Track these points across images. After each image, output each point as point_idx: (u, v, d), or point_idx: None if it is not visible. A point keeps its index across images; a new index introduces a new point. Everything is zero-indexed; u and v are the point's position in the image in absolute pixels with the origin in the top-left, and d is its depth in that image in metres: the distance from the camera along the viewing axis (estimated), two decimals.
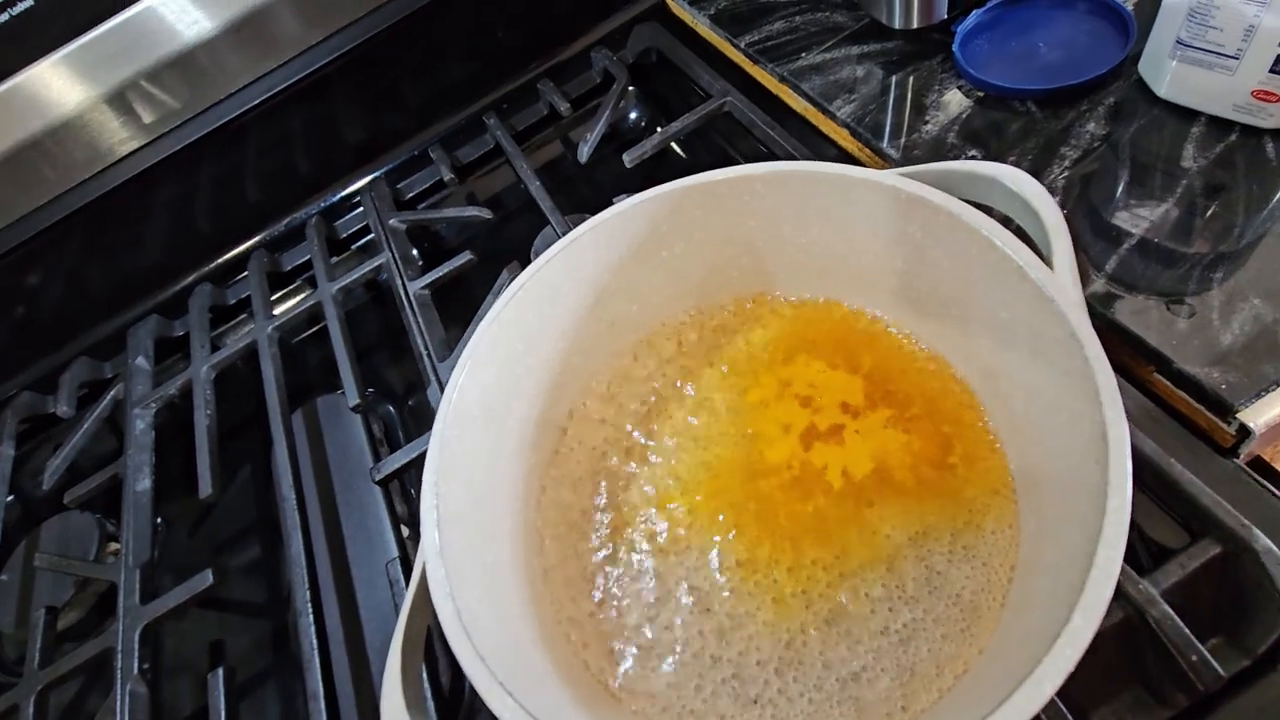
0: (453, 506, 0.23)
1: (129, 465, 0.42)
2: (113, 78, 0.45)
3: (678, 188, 0.29)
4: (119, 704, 0.32)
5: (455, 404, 0.25)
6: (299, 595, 0.33)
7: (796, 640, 0.24)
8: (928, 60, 0.42)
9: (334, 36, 0.49)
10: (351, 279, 0.45)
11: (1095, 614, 0.16)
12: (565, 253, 0.28)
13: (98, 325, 0.51)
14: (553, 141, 0.53)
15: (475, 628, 0.20)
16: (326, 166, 0.53)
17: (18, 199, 0.47)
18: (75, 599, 0.41)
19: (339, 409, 0.43)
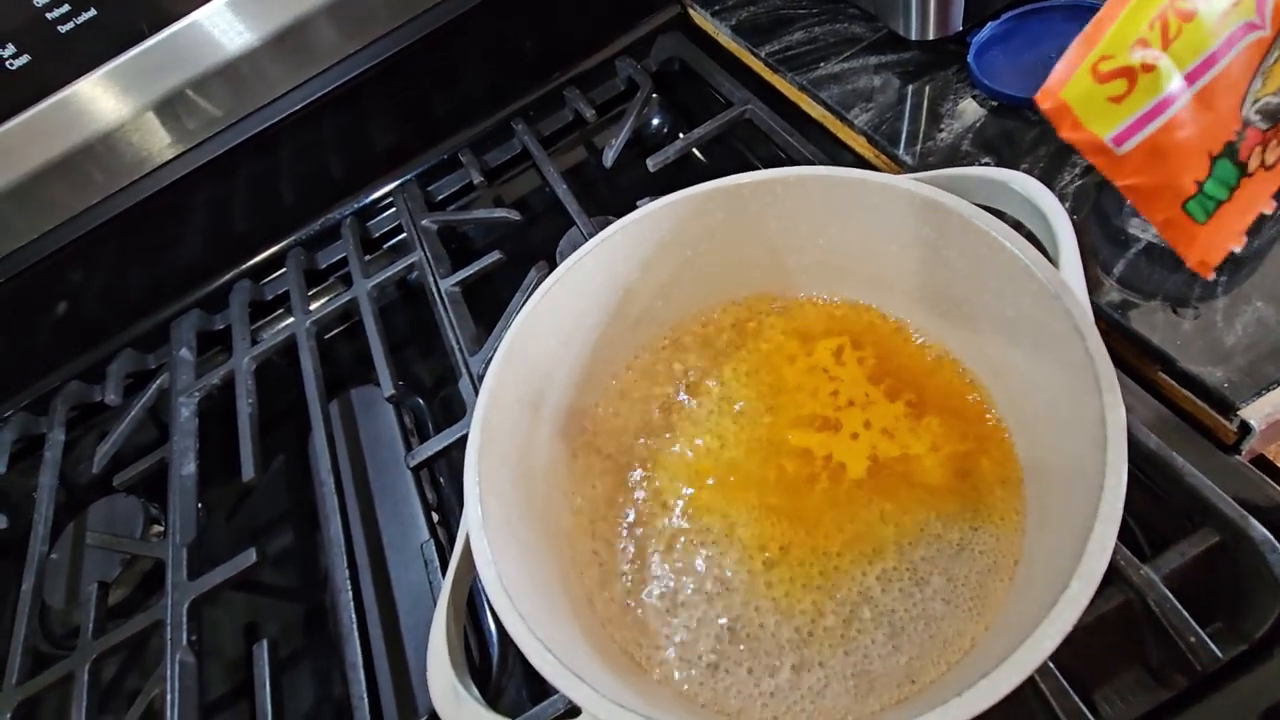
0: (493, 483, 0.25)
1: (174, 450, 0.44)
2: (160, 87, 0.47)
3: (703, 191, 0.30)
4: (169, 673, 0.34)
5: (494, 390, 0.27)
6: (338, 574, 0.35)
7: (810, 618, 0.26)
8: (943, 70, 0.43)
9: (369, 47, 0.51)
10: (385, 276, 0.47)
11: (1092, 581, 0.18)
12: (596, 251, 0.30)
13: (142, 319, 0.54)
14: (578, 146, 0.55)
15: (515, 592, 0.22)
16: (360, 169, 0.55)
17: (69, 200, 0.49)
18: (121, 577, 0.43)
19: (372, 400, 0.45)
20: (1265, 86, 0.16)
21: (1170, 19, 0.15)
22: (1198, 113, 0.16)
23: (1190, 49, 0.15)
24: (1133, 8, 0.15)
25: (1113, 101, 0.16)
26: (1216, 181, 0.16)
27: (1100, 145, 0.16)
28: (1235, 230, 0.17)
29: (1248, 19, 0.15)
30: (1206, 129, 0.16)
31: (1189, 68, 0.16)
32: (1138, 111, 0.16)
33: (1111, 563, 0.21)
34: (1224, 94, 0.16)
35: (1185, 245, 0.17)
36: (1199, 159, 0.16)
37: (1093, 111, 0.16)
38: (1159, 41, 0.15)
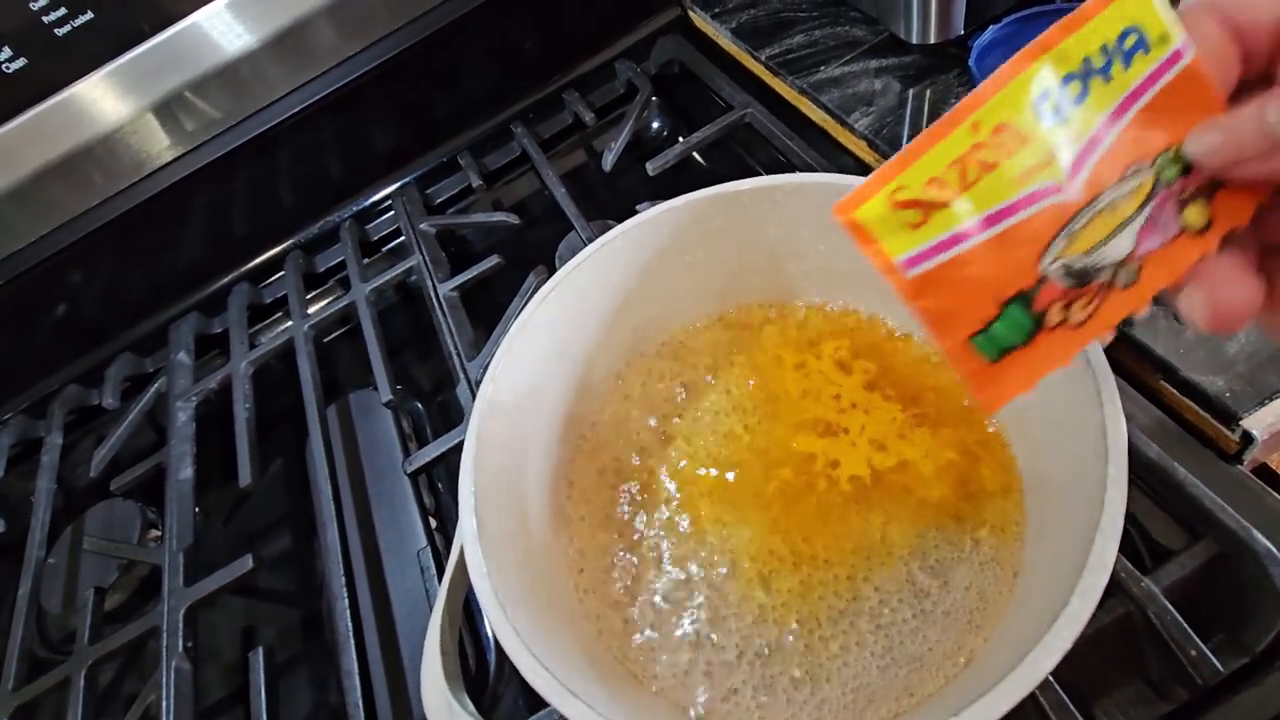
0: (488, 493, 0.25)
1: (172, 455, 0.44)
2: (160, 89, 0.47)
3: (701, 197, 0.30)
4: (165, 679, 0.34)
5: (490, 397, 0.27)
6: (334, 580, 0.35)
7: (808, 630, 0.26)
8: (944, 74, 0.43)
9: (369, 49, 0.51)
10: (383, 280, 0.47)
11: (1091, 598, 0.17)
12: (594, 257, 0.30)
13: (140, 322, 0.54)
14: (577, 150, 0.55)
15: (510, 606, 0.21)
16: (359, 172, 0.55)
17: (68, 202, 0.49)
18: (118, 583, 0.43)
19: (370, 404, 0.45)
20: (1071, 247, 0.16)
21: (970, 165, 0.16)
22: (989, 256, 0.16)
23: (989, 196, 0.16)
24: (936, 149, 0.16)
25: (909, 227, 0.16)
26: (1008, 325, 0.16)
27: (891, 265, 0.16)
28: (1029, 378, 0.17)
29: (1055, 181, 0.16)
30: (998, 273, 0.16)
31: (985, 212, 0.16)
32: (930, 241, 0.16)
33: (1112, 574, 0.21)
34: (1020, 245, 0.16)
35: (972, 379, 0.17)
36: (987, 300, 0.16)
37: (888, 232, 0.16)
38: (956, 183, 0.16)
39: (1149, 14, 0.15)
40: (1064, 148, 0.16)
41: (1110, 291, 0.17)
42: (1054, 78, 0.15)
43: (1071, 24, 0.15)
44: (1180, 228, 0.16)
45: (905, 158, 0.16)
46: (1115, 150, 0.16)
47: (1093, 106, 0.16)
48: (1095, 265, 0.16)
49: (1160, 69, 0.15)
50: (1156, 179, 0.16)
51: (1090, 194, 0.16)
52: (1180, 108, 0.15)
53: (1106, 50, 0.15)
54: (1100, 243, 0.16)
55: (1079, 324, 0.17)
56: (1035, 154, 0.16)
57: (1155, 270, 0.16)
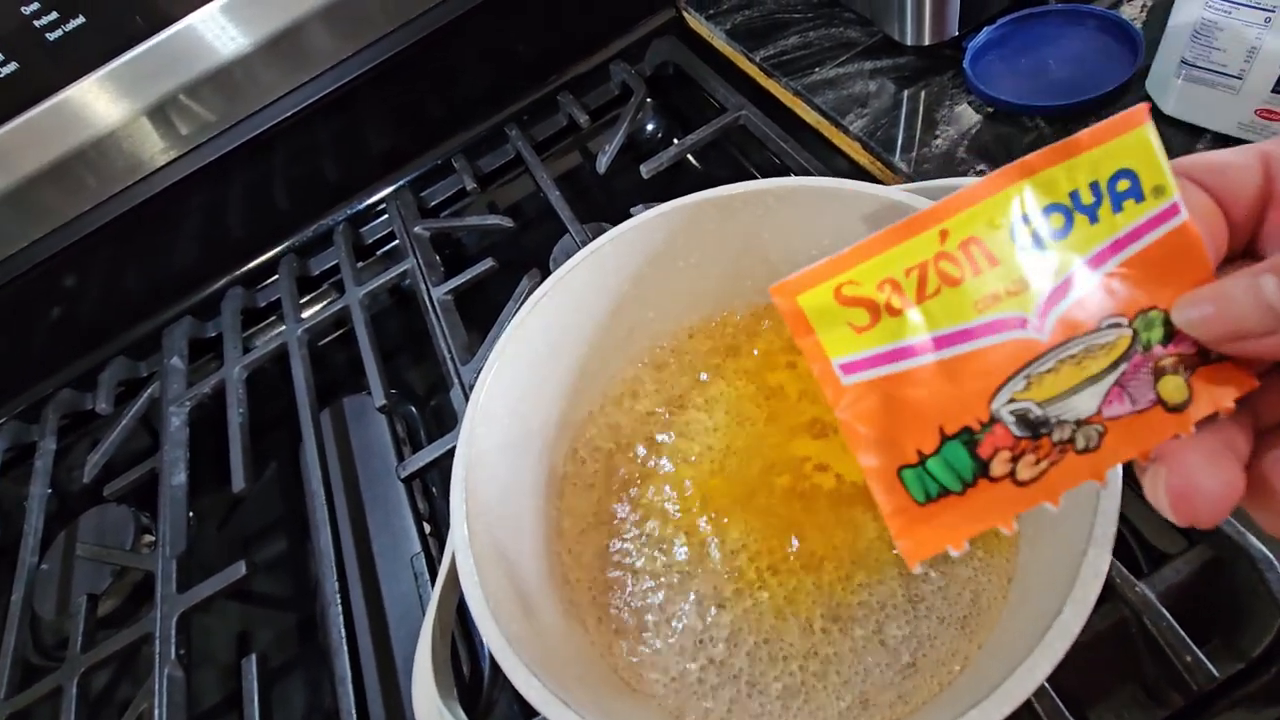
0: (480, 500, 0.25)
1: (165, 460, 0.44)
2: (153, 92, 0.47)
3: (694, 201, 0.30)
4: (157, 687, 0.34)
5: (483, 404, 0.27)
6: (327, 586, 0.35)
7: (803, 635, 0.25)
8: (939, 76, 0.43)
9: (362, 51, 0.50)
10: (377, 284, 0.47)
11: (1084, 608, 0.17)
12: (587, 262, 0.30)
13: (134, 326, 0.53)
14: (572, 152, 0.55)
15: (501, 615, 0.21)
16: (353, 175, 0.55)
17: (62, 206, 0.49)
18: (112, 588, 0.42)
19: (364, 409, 0.45)
20: (1030, 392, 0.14)
21: (931, 275, 0.14)
22: (938, 381, 0.14)
23: (946, 314, 0.14)
24: (897, 250, 0.14)
25: (853, 328, 0.14)
26: (945, 465, 0.14)
27: (828, 366, 0.14)
28: (959, 533, 0.14)
29: (1023, 313, 0.14)
30: (944, 402, 0.14)
31: (941, 331, 0.14)
32: (874, 349, 0.14)
33: (1107, 579, 0.21)
34: (974, 376, 0.14)
35: (896, 518, 0.15)
36: (928, 430, 0.14)
37: (828, 328, 0.14)
38: (913, 292, 0.14)
39: (1149, 161, 0.14)
40: (1038, 280, 0.14)
41: (1066, 453, 0.14)
42: (1037, 204, 0.14)
43: (1063, 151, 0.14)
44: (1154, 399, 0.14)
45: (861, 251, 0.14)
46: (1093, 297, 0.14)
47: (1073, 245, 0.14)
48: (1054, 418, 0.14)
49: (1151, 222, 0.14)
50: (1134, 339, 0.14)
51: (1060, 337, 0.14)
52: (1168, 268, 0.14)
53: (1097, 189, 0.14)
54: (1063, 394, 0.14)
55: (1024, 482, 0.14)
56: (1005, 279, 0.14)
57: (1120, 440, 0.14)
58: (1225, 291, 0.13)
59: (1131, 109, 0.14)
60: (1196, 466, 0.14)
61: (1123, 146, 0.14)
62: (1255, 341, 0.13)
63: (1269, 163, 0.14)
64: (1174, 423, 0.14)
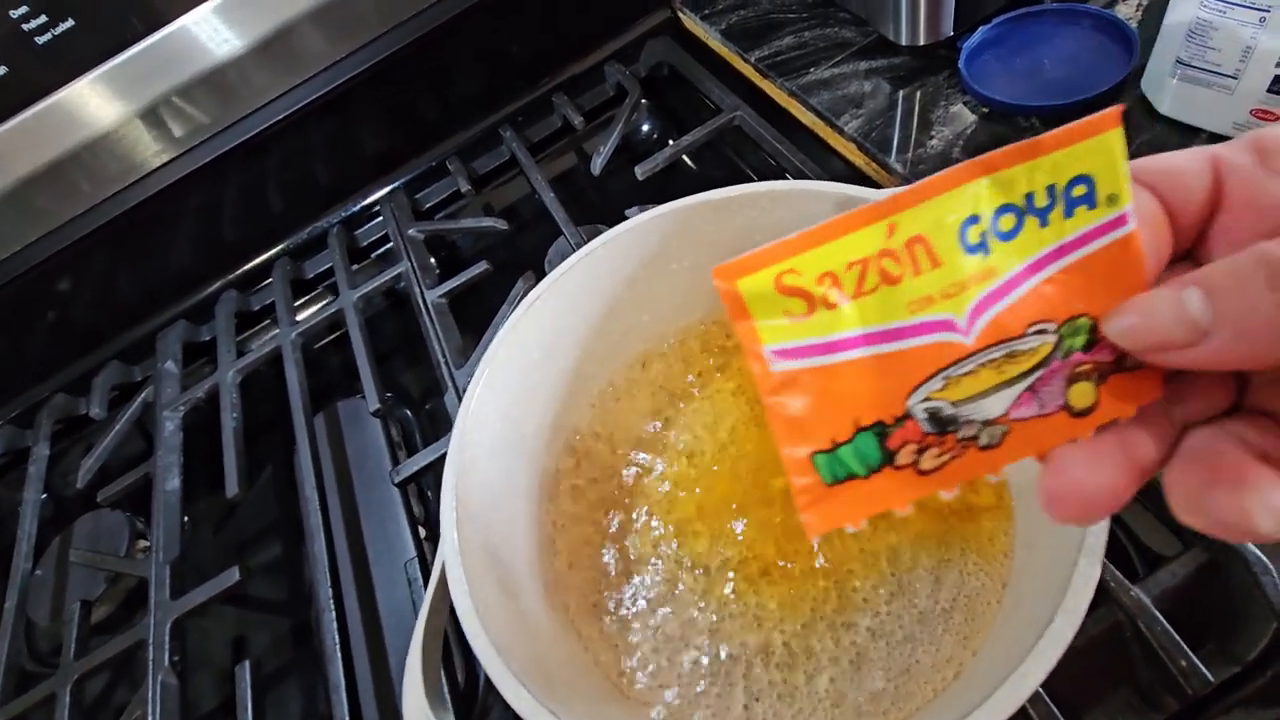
0: (471, 508, 0.24)
1: (159, 465, 0.43)
2: (146, 94, 0.47)
3: (688, 204, 0.30)
4: (151, 694, 0.34)
5: (474, 410, 0.26)
6: (321, 592, 0.35)
7: (797, 640, 0.25)
8: (934, 76, 0.43)
9: (356, 53, 0.50)
10: (371, 287, 0.47)
11: (1075, 617, 0.17)
12: (580, 265, 0.30)
13: (128, 330, 0.53)
14: (567, 153, 0.55)
15: (491, 623, 0.21)
16: (347, 177, 0.54)
17: (55, 209, 0.49)
18: (106, 594, 0.42)
19: (359, 413, 0.45)
20: (946, 392, 0.15)
21: (871, 272, 0.14)
22: (862, 376, 0.15)
23: (880, 312, 0.14)
24: (841, 242, 0.14)
25: (788, 316, 0.15)
26: (856, 453, 0.15)
27: (760, 351, 0.15)
28: (858, 512, 0.15)
29: (954, 316, 0.14)
30: (864, 397, 0.15)
31: (871, 329, 0.15)
32: (806, 340, 0.15)
33: (1102, 583, 0.21)
34: (896, 374, 0.15)
35: (802, 495, 0.15)
36: (845, 420, 0.15)
37: (765, 314, 0.15)
38: (852, 287, 0.14)
39: (1111, 168, 0.14)
40: (975, 283, 0.14)
41: (969, 448, 0.15)
42: (990, 204, 0.14)
43: (1027, 151, 0.14)
44: (1062, 404, 0.15)
45: (805, 240, 0.14)
46: (1025, 302, 0.14)
47: (1019, 248, 0.14)
48: (963, 418, 0.15)
49: (1098, 230, 0.14)
50: (1056, 345, 0.14)
51: (985, 341, 0.14)
52: (1105, 278, 0.14)
53: (1053, 193, 0.14)
54: (976, 395, 0.15)
55: (926, 472, 0.15)
56: (943, 281, 0.14)
57: (1020, 440, 0.15)
58: (1151, 303, 0.13)
59: (1103, 112, 0.13)
60: (1075, 466, 0.14)
61: (1087, 151, 0.14)
62: (1176, 353, 0.13)
63: (1219, 168, 0.14)
64: (1075, 426, 0.14)
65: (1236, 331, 0.12)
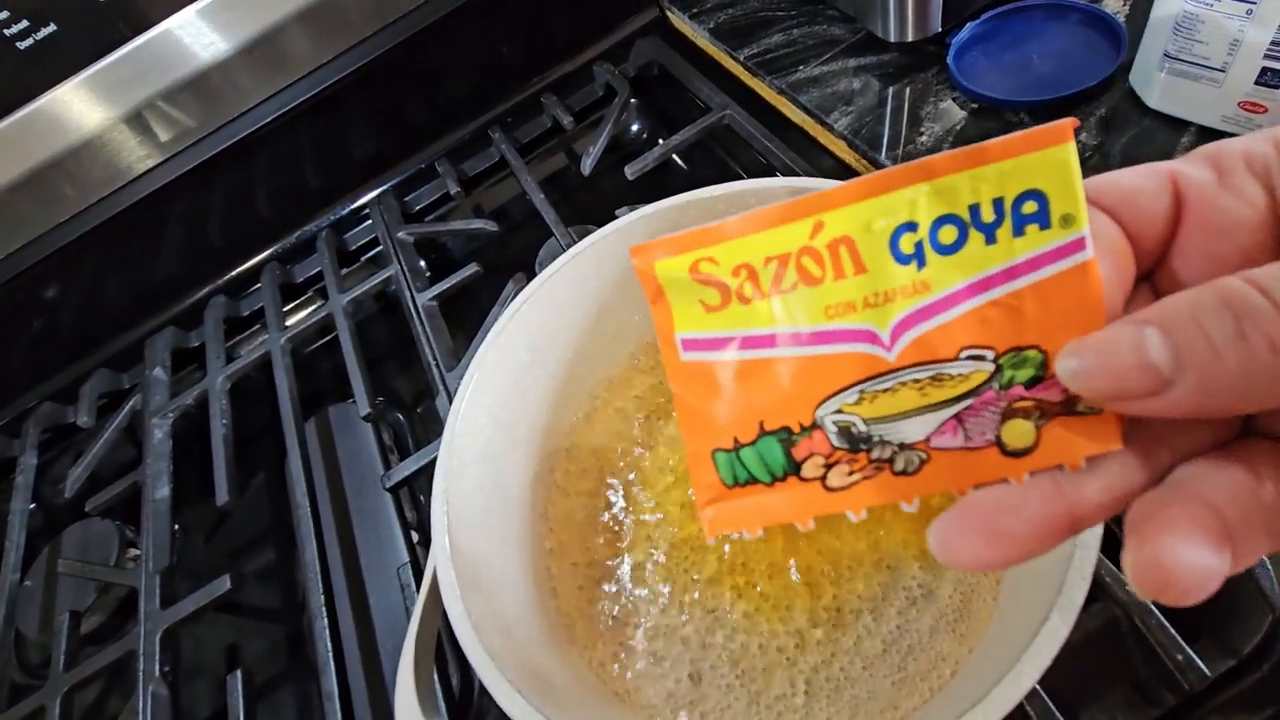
0: (463, 513, 0.24)
1: (148, 473, 0.43)
2: (130, 99, 0.46)
3: (677, 203, 0.30)
4: (141, 706, 0.33)
5: (464, 414, 0.26)
6: (314, 599, 0.34)
7: (794, 642, 0.25)
8: (923, 72, 0.43)
9: (343, 55, 0.50)
10: (361, 290, 0.46)
11: (1070, 613, 0.17)
12: (568, 267, 0.29)
13: (116, 337, 0.53)
14: (556, 154, 0.55)
15: (484, 629, 0.21)
16: (336, 180, 0.54)
17: (39, 216, 0.48)
18: (97, 604, 0.42)
19: (350, 417, 0.44)
20: (859, 407, 0.14)
21: (789, 271, 0.14)
22: (769, 377, 0.14)
23: (797, 312, 0.14)
24: (763, 235, 0.14)
25: (703, 305, 0.14)
26: (757, 458, 0.14)
27: (671, 337, 0.14)
28: (755, 520, 0.14)
29: (876, 328, 0.13)
30: (770, 400, 0.14)
31: (784, 329, 0.14)
32: (716, 333, 0.14)
33: (1097, 578, 0.21)
34: (807, 380, 0.14)
35: (701, 491, 0.15)
36: (749, 421, 0.14)
37: (681, 300, 0.14)
38: (769, 283, 0.14)
39: (1065, 186, 0.12)
40: (905, 296, 0.13)
41: (882, 470, 0.14)
42: (929, 212, 0.13)
43: (971, 158, 0.13)
44: (992, 439, 0.13)
45: (725, 229, 0.14)
46: (962, 324, 0.13)
47: (959, 264, 0.13)
48: (877, 436, 0.14)
49: (1053, 254, 0.13)
50: (993, 375, 0.13)
51: (909, 360, 0.13)
52: (1059, 308, 0.13)
53: (1000, 207, 0.13)
54: (894, 415, 0.14)
55: (833, 489, 0.14)
56: (867, 288, 0.13)
57: (940, 471, 0.14)
58: (1109, 344, 0.12)
59: (1054, 123, 0.12)
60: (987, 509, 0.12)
61: (1038, 164, 0.12)
62: (1136, 402, 0.11)
63: (1179, 187, 0.13)
64: (1005, 466, 0.13)
65: (1201, 380, 0.11)
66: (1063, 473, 0.13)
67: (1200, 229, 0.13)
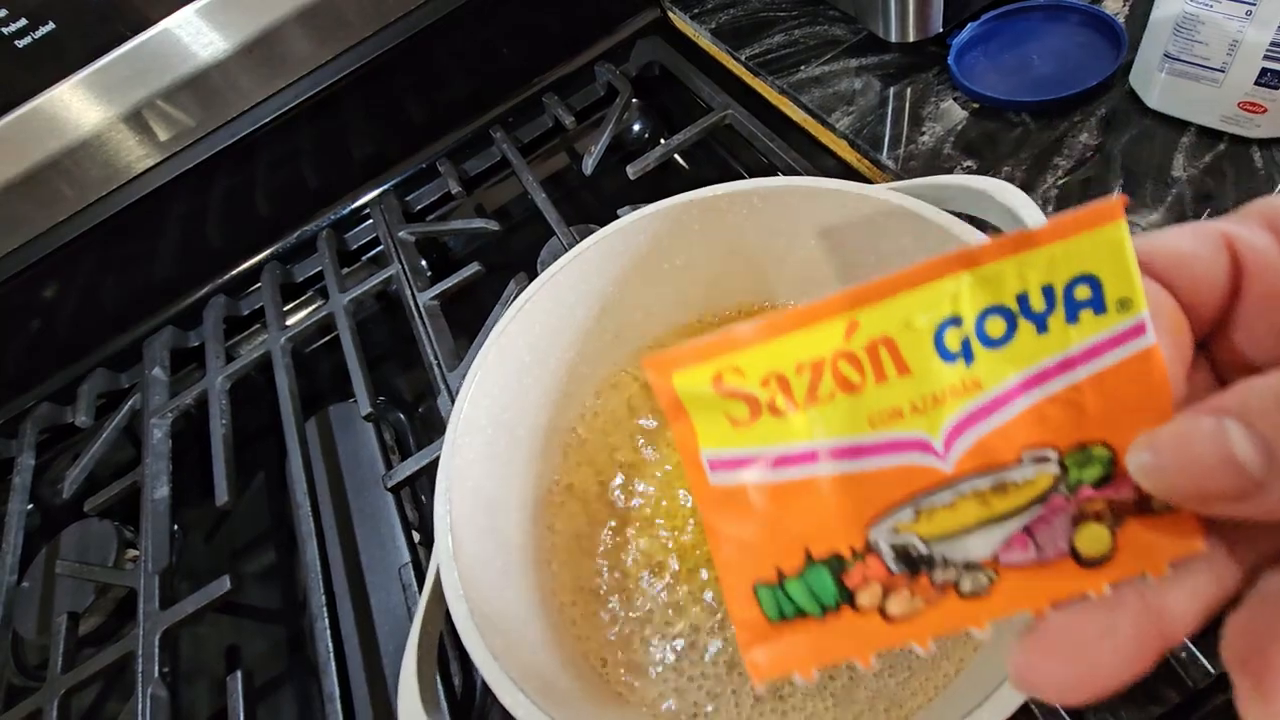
0: (465, 512, 0.24)
1: (147, 474, 0.43)
2: (129, 98, 0.46)
3: (678, 202, 0.30)
4: (140, 707, 0.33)
5: (466, 414, 0.26)
6: (314, 600, 0.34)
7: None
8: (924, 73, 0.43)
9: (343, 55, 0.50)
10: (362, 290, 0.46)
11: None
12: (570, 266, 0.29)
13: (115, 337, 0.53)
14: (558, 154, 0.55)
15: (487, 629, 0.21)
16: (336, 180, 0.54)
17: (37, 216, 0.48)
18: (95, 605, 0.42)
19: (351, 417, 0.44)
20: (917, 525, 0.12)
21: (826, 377, 0.12)
22: (814, 497, 0.13)
23: (836, 424, 0.12)
24: (792, 338, 0.12)
25: (730, 420, 0.13)
26: (805, 588, 0.13)
27: (697, 457, 0.13)
28: (809, 659, 0.13)
29: (928, 436, 0.12)
30: (816, 521, 0.13)
31: (825, 443, 0.12)
32: (748, 450, 0.13)
33: None
34: (855, 499, 0.13)
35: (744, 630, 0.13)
36: (793, 548, 0.13)
37: (703, 415, 0.13)
38: (803, 394, 0.12)
39: (1119, 267, 0.12)
40: (955, 397, 0.12)
41: (947, 593, 0.12)
42: (974, 304, 0.12)
43: (1016, 244, 0.12)
44: (1066, 549, 0.12)
45: (748, 334, 0.12)
46: (1020, 423, 0.12)
47: (1011, 358, 0.12)
48: (939, 557, 0.12)
49: (1110, 341, 0.12)
50: (1059, 478, 0.12)
51: (967, 468, 0.12)
52: (1122, 399, 0.12)
53: (1050, 294, 0.12)
54: (956, 532, 0.12)
55: (893, 618, 0.13)
56: (914, 392, 0.12)
57: (1014, 590, 0.12)
58: (1185, 439, 0.11)
59: (1102, 202, 0.12)
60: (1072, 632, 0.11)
61: (1089, 246, 0.12)
62: (1224, 505, 0.10)
63: (1234, 250, 0.12)
64: (1083, 579, 0.12)
65: None
66: (1145, 582, 0.11)
67: (1265, 301, 0.12)
